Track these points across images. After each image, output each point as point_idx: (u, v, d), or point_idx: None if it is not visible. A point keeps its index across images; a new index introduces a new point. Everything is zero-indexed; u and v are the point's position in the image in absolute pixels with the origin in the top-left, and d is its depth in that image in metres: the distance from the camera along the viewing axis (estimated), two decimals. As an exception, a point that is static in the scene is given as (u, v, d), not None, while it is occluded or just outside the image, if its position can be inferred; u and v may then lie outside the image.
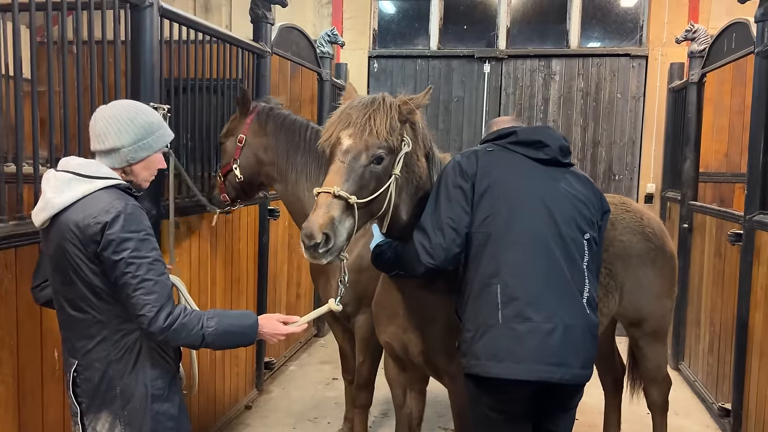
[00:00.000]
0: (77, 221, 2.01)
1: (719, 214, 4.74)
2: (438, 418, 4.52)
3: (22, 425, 2.47)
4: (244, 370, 4.58)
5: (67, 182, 2.06)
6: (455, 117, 7.10)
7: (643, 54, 6.67)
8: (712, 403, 4.61)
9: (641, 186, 6.76)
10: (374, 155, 2.24)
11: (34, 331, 2.51)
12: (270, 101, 3.67)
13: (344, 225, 2.16)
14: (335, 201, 2.15)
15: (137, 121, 2.14)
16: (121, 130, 2.12)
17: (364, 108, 2.29)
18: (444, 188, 2.35)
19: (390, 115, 2.28)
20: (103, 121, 2.13)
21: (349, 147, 2.23)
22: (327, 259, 2.17)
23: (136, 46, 3.00)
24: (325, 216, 2.11)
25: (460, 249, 2.33)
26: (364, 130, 2.24)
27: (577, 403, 2.35)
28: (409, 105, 2.36)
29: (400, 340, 2.75)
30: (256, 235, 4.66)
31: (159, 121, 2.22)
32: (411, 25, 7.33)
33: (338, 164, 2.22)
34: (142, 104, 2.29)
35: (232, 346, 2.28)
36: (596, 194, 2.47)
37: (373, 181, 2.25)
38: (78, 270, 2.04)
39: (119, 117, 2.13)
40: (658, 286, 3.30)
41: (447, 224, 2.29)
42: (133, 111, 2.16)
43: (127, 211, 2.03)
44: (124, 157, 2.14)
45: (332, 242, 2.13)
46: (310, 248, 2.12)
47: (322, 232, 2.09)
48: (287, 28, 5.19)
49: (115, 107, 2.18)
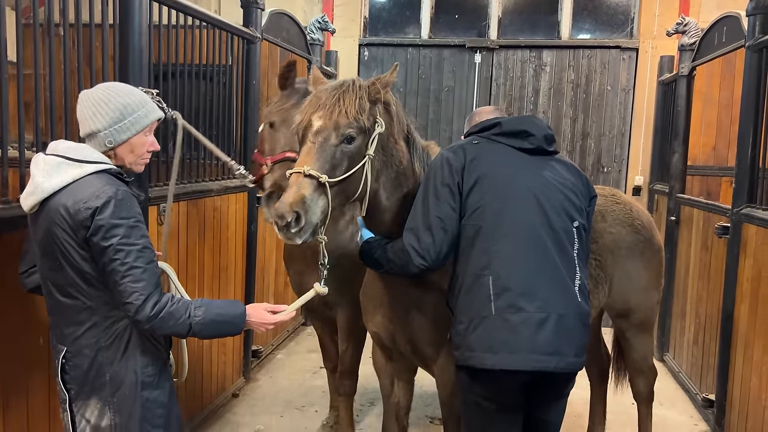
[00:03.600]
0: (67, 206, 1.99)
1: (707, 207, 4.77)
2: (425, 407, 4.54)
3: (6, 412, 2.44)
4: (231, 358, 4.56)
5: (56, 166, 2.03)
6: (445, 107, 7.08)
7: (634, 46, 6.68)
8: (696, 393, 4.66)
9: (629, 178, 6.79)
10: (344, 135, 2.25)
11: (19, 318, 2.47)
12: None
13: (317, 204, 2.17)
14: (305, 180, 2.16)
15: (112, 103, 2.10)
16: (96, 113, 2.09)
17: (333, 90, 2.32)
18: (432, 187, 2.35)
19: (359, 95, 2.30)
20: (81, 104, 2.12)
21: (319, 128, 2.26)
22: (301, 238, 2.18)
23: (125, 30, 2.94)
24: (296, 194, 2.13)
25: (449, 248, 2.34)
26: (333, 111, 2.26)
27: (569, 391, 2.37)
28: (376, 85, 2.36)
29: (388, 330, 2.75)
30: (244, 223, 4.63)
31: (139, 102, 2.16)
32: (402, 13, 7.28)
33: (309, 145, 2.25)
34: (125, 85, 2.24)
35: (220, 336, 2.26)
36: (583, 180, 2.48)
37: (345, 160, 2.26)
38: (67, 255, 2.02)
39: (95, 100, 2.10)
40: (646, 278, 3.32)
41: (436, 224, 2.30)
42: (109, 93, 2.12)
43: (118, 197, 2.00)
44: (102, 140, 2.10)
45: (303, 221, 2.13)
46: (282, 228, 2.14)
47: (292, 211, 2.11)
48: (277, 13, 5.14)
49: (95, 90, 2.15)
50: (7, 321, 2.42)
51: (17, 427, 2.50)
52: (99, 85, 2.20)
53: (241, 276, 4.61)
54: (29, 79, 2.58)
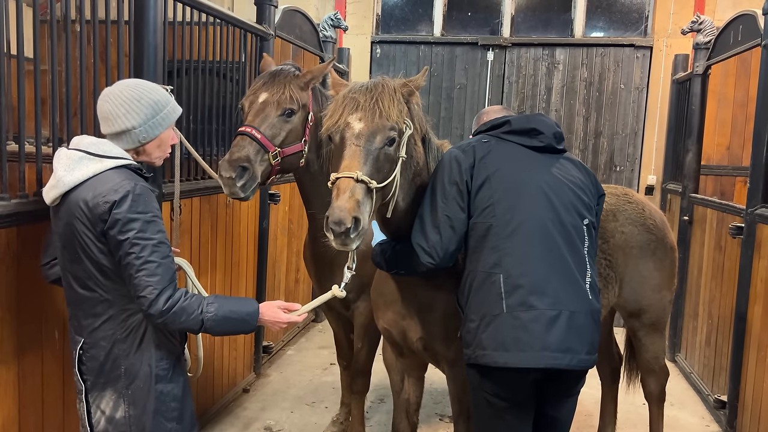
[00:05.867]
0: (87, 200, 2.03)
1: (720, 207, 4.73)
2: (434, 405, 4.54)
3: (22, 405, 2.47)
4: (242, 353, 4.59)
5: (78, 161, 2.07)
6: (457, 104, 7.07)
7: (648, 45, 6.63)
8: (708, 394, 4.63)
9: (642, 177, 6.75)
10: (387, 137, 2.22)
11: (35, 311, 2.50)
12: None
13: (366, 209, 2.13)
14: (358, 185, 2.11)
15: (144, 100, 2.14)
16: (129, 110, 2.12)
17: (370, 91, 2.28)
18: (440, 185, 2.34)
19: (396, 98, 2.28)
20: (109, 103, 2.13)
21: (361, 130, 2.21)
22: (356, 243, 2.12)
23: (140, 26, 2.97)
24: (351, 200, 2.08)
25: (458, 246, 2.33)
26: (374, 112, 2.22)
27: (580, 389, 2.37)
28: (408, 87, 2.36)
29: (399, 327, 2.75)
30: (256, 219, 4.65)
31: (166, 98, 2.21)
32: (414, 11, 7.27)
33: (353, 148, 2.19)
34: (147, 82, 2.27)
35: (232, 333, 2.28)
36: (591, 179, 2.48)
37: (387, 163, 2.24)
38: (86, 248, 2.06)
39: (126, 97, 2.13)
40: (659, 278, 3.30)
41: (444, 222, 2.30)
42: (139, 90, 2.16)
43: (136, 192, 2.04)
44: (135, 137, 2.15)
45: (361, 225, 2.09)
46: (340, 235, 2.07)
47: (351, 216, 2.06)
48: (291, 11, 5.15)
49: (120, 87, 2.17)
50: (23, 313, 2.45)
51: (32, 418, 2.53)
52: (122, 83, 2.22)
53: (252, 272, 4.63)
54: (45, 75, 2.60)
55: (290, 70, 3.14)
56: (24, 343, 2.46)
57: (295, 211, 5.59)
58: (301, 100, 3.06)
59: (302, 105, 3.07)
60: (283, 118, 3.01)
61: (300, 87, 3.08)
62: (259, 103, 3.02)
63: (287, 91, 3.02)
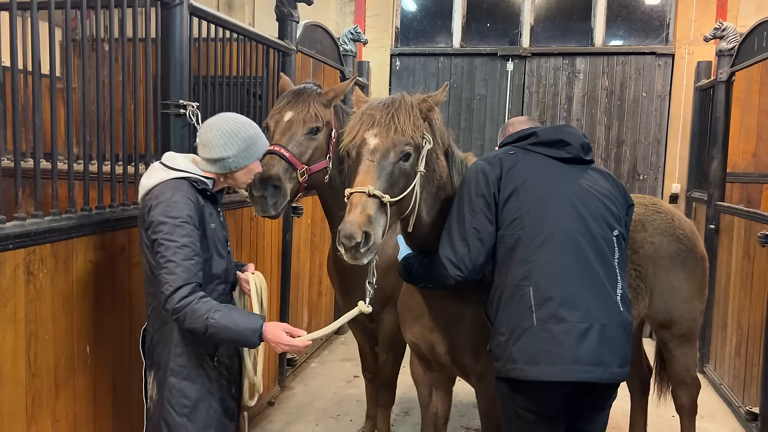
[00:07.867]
0: (146, 202, 2.34)
1: (748, 215, 4.66)
2: (459, 417, 4.51)
3: (56, 419, 2.49)
4: (266, 366, 4.59)
5: (154, 170, 2.40)
6: (477, 115, 7.06)
7: (670, 52, 6.58)
8: (739, 406, 4.54)
9: (666, 186, 6.68)
10: (402, 152, 2.24)
11: (67, 326, 2.53)
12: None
13: (379, 223, 2.16)
14: (370, 200, 2.14)
15: (241, 134, 2.43)
16: (227, 143, 2.40)
17: (386, 107, 2.31)
18: (467, 197, 2.34)
19: (413, 113, 2.30)
20: (210, 133, 2.42)
21: (376, 146, 2.24)
22: (367, 258, 2.16)
23: (166, 44, 3.02)
24: (362, 215, 2.11)
25: (486, 258, 2.33)
26: (389, 128, 2.25)
27: (612, 402, 2.34)
28: (428, 102, 2.37)
29: (427, 340, 2.74)
30: (280, 232, 4.67)
31: (258, 133, 2.48)
32: (433, 22, 7.30)
33: (368, 163, 2.22)
34: (244, 118, 2.52)
35: (233, 344, 2.46)
36: (620, 189, 2.46)
37: (402, 178, 2.26)
38: (142, 245, 2.37)
39: (226, 131, 2.41)
40: (689, 289, 3.26)
41: (472, 235, 2.30)
42: (238, 126, 2.44)
43: (173, 199, 2.28)
44: (228, 165, 2.44)
45: (371, 240, 2.12)
46: (351, 249, 2.11)
47: (361, 231, 2.09)
48: (312, 26, 5.19)
49: (222, 120, 2.45)
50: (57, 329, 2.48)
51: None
52: (223, 116, 2.49)
53: (276, 285, 4.64)
54: (75, 93, 2.66)
55: (313, 88, 3.17)
56: (57, 358, 2.49)
57: (317, 224, 5.61)
58: (325, 117, 3.10)
59: (326, 122, 3.11)
60: (309, 136, 3.04)
61: (323, 104, 3.12)
62: (284, 122, 3.05)
63: (312, 109, 3.05)
